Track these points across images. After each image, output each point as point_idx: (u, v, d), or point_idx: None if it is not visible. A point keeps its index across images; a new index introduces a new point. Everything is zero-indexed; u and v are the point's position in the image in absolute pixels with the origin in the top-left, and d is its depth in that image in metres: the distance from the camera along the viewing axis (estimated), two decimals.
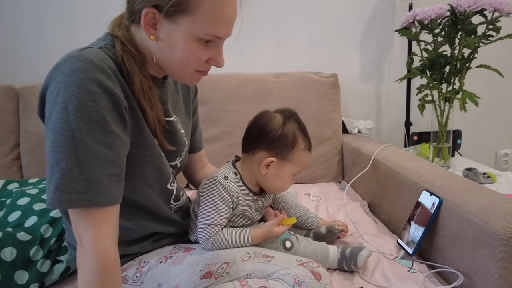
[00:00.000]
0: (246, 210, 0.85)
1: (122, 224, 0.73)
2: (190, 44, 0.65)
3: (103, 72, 0.60)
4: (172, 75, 0.73)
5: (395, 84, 1.73)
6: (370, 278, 0.83)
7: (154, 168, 0.74)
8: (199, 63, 0.68)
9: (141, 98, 0.68)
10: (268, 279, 0.69)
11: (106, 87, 0.60)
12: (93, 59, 0.60)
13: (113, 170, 0.61)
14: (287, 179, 0.86)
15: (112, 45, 0.68)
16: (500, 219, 0.71)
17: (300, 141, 0.84)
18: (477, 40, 1.29)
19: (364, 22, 1.70)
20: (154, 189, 0.76)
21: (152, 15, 0.63)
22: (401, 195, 1.06)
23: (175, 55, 0.66)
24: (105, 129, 0.59)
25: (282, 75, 1.57)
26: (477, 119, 1.83)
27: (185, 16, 0.62)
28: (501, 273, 0.70)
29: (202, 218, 0.80)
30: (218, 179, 0.82)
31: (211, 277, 0.72)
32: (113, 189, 0.61)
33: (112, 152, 0.60)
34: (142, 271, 0.77)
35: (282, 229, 0.84)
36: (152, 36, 0.65)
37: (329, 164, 1.55)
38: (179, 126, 0.83)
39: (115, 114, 0.61)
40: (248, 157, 0.86)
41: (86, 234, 0.58)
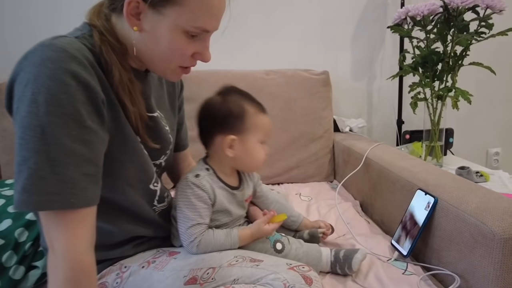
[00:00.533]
0: (226, 205, 0.81)
1: (101, 227, 0.69)
2: (176, 36, 0.61)
3: (78, 63, 0.55)
4: (153, 69, 0.69)
5: (387, 82, 1.71)
6: (364, 281, 0.80)
7: (136, 167, 0.69)
8: (184, 57, 0.65)
9: (121, 91, 0.63)
10: (256, 284, 0.65)
11: (81, 79, 0.55)
12: (67, 48, 0.55)
13: (89, 169, 0.56)
14: (257, 150, 0.82)
15: (90, 35, 0.63)
16: (498, 219, 0.69)
17: (247, 108, 0.80)
18: (469, 37, 1.27)
19: (355, 19, 1.68)
20: (137, 190, 0.71)
21: (135, 4, 0.59)
22: (394, 195, 1.03)
23: (159, 48, 0.63)
24: (80, 124, 0.55)
25: (273, 72, 1.53)
26: (468, 117, 1.82)
27: (171, 7, 0.59)
28: (499, 275, 0.67)
29: (181, 221, 0.76)
30: (189, 179, 0.78)
31: (196, 283, 0.68)
32: (90, 190, 0.56)
33: (88, 150, 0.56)
34: (123, 277, 0.72)
35: (272, 227, 0.81)
36: (135, 26, 0.61)
37: (320, 163, 1.51)
38: (164, 122, 0.79)
39: (91, 108, 0.56)
40: (211, 149, 0.83)
41: (58, 239, 0.54)
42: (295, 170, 1.49)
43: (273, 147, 1.47)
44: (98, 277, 0.72)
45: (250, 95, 0.83)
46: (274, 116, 1.46)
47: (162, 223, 0.80)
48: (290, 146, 1.49)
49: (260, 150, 0.82)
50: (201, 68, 1.50)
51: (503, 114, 1.88)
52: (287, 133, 1.48)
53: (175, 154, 0.93)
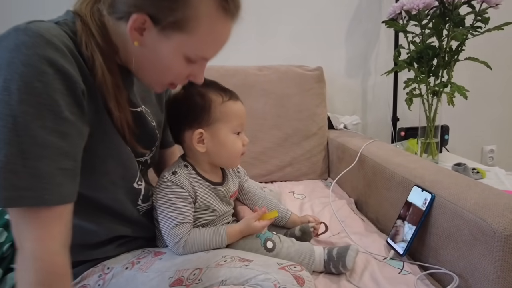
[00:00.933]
0: (209, 202, 0.77)
1: (82, 225, 0.66)
2: (176, 59, 0.60)
3: (55, 49, 0.51)
4: (141, 79, 0.66)
5: (381, 79, 1.68)
6: (359, 281, 0.77)
7: (119, 164, 0.65)
8: (179, 78, 0.65)
9: (106, 94, 0.60)
10: (245, 285, 0.61)
11: (59, 67, 0.51)
12: (44, 33, 0.51)
13: (66, 163, 0.52)
14: (232, 141, 0.77)
15: (72, 21, 0.59)
16: (498, 216, 0.66)
17: (213, 97, 0.75)
18: (465, 31, 1.25)
19: (350, 14, 1.65)
20: (119, 188, 0.67)
21: (142, 21, 0.56)
22: (389, 192, 1.00)
23: (156, 66, 0.61)
24: (57, 115, 0.51)
25: (266, 68, 1.49)
26: (463, 114, 1.81)
27: (179, 34, 0.57)
28: (500, 274, 0.65)
29: (164, 222, 0.72)
30: (165, 177, 0.74)
31: (182, 284, 0.64)
32: (66, 186, 0.52)
33: (66, 143, 0.52)
34: (106, 279, 0.68)
35: (262, 224, 0.77)
36: (136, 41, 0.58)
37: (314, 160, 1.48)
38: (150, 117, 0.75)
39: (70, 99, 0.52)
40: (184, 147, 0.80)
41: (29, 238, 0.50)
42: (289, 168, 1.46)
43: (266, 145, 1.45)
44: (79, 279, 0.69)
45: (216, 83, 0.78)
46: (267, 113, 1.45)
47: (146, 223, 0.76)
48: (284, 144, 1.45)
49: (235, 141, 0.77)
50: None
51: (498, 112, 1.86)
52: (280, 130, 1.45)
53: (162, 151, 0.89)
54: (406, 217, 0.87)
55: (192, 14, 0.56)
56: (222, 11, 0.59)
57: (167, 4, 0.55)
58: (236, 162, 0.82)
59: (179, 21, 0.56)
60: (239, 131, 0.78)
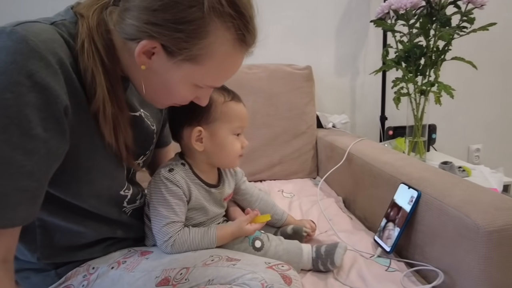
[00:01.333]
0: (203, 203, 0.76)
1: (70, 228, 0.64)
2: (184, 87, 0.59)
3: (39, 59, 0.47)
4: (145, 97, 0.64)
5: (370, 78, 1.69)
6: (346, 279, 0.77)
7: (104, 174, 0.62)
8: (183, 101, 0.64)
9: (105, 127, 0.57)
10: (233, 284, 0.61)
11: (37, 79, 0.47)
12: (31, 39, 0.47)
13: (27, 184, 0.47)
14: (231, 142, 0.76)
15: (71, 21, 0.55)
16: (482, 212, 0.67)
17: (215, 96, 0.73)
18: (451, 31, 1.26)
19: (339, 13, 1.65)
20: (102, 196, 0.64)
21: (152, 46, 0.53)
22: (377, 189, 1.01)
23: (163, 90, 0.59)
24: (25, 131, 0.47)
25: (255, 66, 1.49)
26: (450, 114, 1.83)
27: (191, 65, 0.55)
28: (483, 269, 0.65)
29: (155, 219, 0.71)
30: (161, 173, 0.73)
31: (168, 284, 0.63)
32: (22, 208, 0.48)
33: (31, 162, 0.47)
34: (90, 279, 0.67)
35: (254, 227, 0.77)
36: (144, 65, 0.55)
37: (303, 159, 1.48)
38: (150, 121, 0.74)
39: (46, 114, 0.48)
40: (181, 144, 0.78)
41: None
42: (278, 167, 1.46)
43: (255, 143, 1.45)
44: (63, 279, 0.67)
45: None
46: (256, 111, 1.44)
47: (134, 223, 0.75)
48: (273, 142, 1.45)
49: (234, 142, 0.77)
50: None
51: (484, 111, 1.89)
52: (269, 128, 1.45)
53: (157, 151, 0.88)
54: (393, 214, 0.88)
55: (208, 49, 0.54)
56: (238, 45, 0.56)
57: (184, 37, 0.52)
58: (234, 164, 0.81)
59: (193, 55, 0.54)
60: (239, 133, 0.78)
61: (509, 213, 0.66)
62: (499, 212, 0.66)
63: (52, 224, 0.63)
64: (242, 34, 0.55)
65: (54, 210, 0.61)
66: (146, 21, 0.51)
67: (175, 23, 0.51)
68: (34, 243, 0.63)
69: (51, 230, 0.63)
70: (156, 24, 0.51)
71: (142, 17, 0.51)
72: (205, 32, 0.52)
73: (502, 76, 1.86)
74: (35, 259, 0.64)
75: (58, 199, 0.60)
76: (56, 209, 0.61)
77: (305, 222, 0.93)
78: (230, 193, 0.86)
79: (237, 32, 0.55)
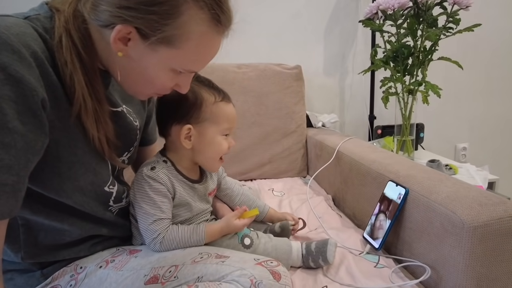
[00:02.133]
0: (187, 199, 0.76)
1: (54, 226, 0.63)
2: (162, 72, 0.58)
3: (12, 52, 0.47)
4: (124, 88, 0.64)
5: (359, 78, 1.71)
6: (335, 275, 0.78)
7: (88, 169, 0.62)
8: (163, 89, 0.63)
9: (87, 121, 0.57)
10: (222, 281, 0.61)
11: (11, 72, 0.46)
12: (2, 32, 0.47)
13: (5, 178, 0.47)
14: (218, 142, 0.76)
15: (46, 16, 0.55)
16: (467, 208, 0.68)
17: (206, 96, 0.74)
18: (438, 32, 1.29)
19: (328, 13, 1.67)
20: (87, 192, 0.64)
21: (127, 31, 0.53)
22: (365, 187, 1.02)
23: (141, 77, 0.59)
24: (1, 124, 0.46)
25: (244, 65, 1.49)
26: (438, 113, 1.86)
27: (167, 48, 0.55)
28: (468, 264, 0.67)
29: (142, 218, 0.71)
30: (144, 172, 0.72)
31: (157, 282, 0.63)
32: (2, 203, 0.47)
33: (8, 155, 0.47)
34: (78, 279, 0.66)
35: (243, 222, 0.77)
36: (120, 52, 0.55)
37: (293, 158, 1.49)
38: (132, 117, 0.73)
39: (23, 107, 0.48)
40: (168, 140, 0.78)
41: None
42: (268, 166, 1.46)
43: (245, 143, 1.45)
44: (50, 279, 0.66)
45: (211, 82, 0.78)
46: (246, 111, 1.45)
47: (120, 222, 0.74)
48: (263, 141, 1.46)
49: (222, 142, 0.77)
50: None
51: (470, 111, 1.93)
52: (259, 128, 1.45)
53: (142, 149, 0.88)
54: (382, 212, 0.89)
55: (182, 30, 0.54)
56: (213, 26, 0.56)
57: (156, 19, 0.52)
58: (216, 165, 0.81)
59: (168, 37, 0.54)
60: (227, 134, 0.78)
61: (493, 208, 0.67)
62: (483, 208, 0.67)
63: (36, 223, 0.62)
64: (216, 14, 0.56)
65: (37, 208, 0.60)
66: (118, 6, 0.52)
67: (148, 5, 0.51)
68: (17, 242, 0.62)
69: (34, 229, 0.62)
70: (128, 7, 0.51)
71: (115, 2, 0.52)
72: (178, 12, 0.53)
73: (486, 76, 1.90)
74: (19, 259, 0.63)
75: (41, 197, 0.59)
76: (39, 207, 0.60)
77: (287, 215, 0.94)
78: (214, 188, 0.86)
79: (210, 12, 0.55)
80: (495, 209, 0.67)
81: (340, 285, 0.74)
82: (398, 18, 1.33)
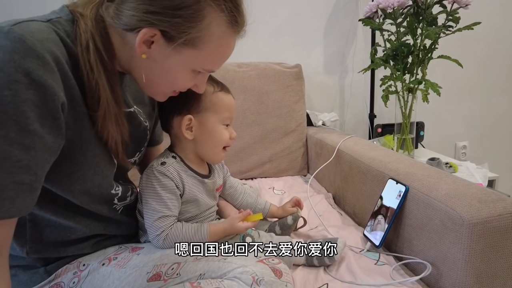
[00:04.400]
0: (196, 194, 0.77)
1: (60, 223, 0.64)
2: (184, 73, 0.61)
3: (36, 58, 0.48)
4: (147, 90, 0.66)
5: (359, 76, 1.71)
6: (336, 273, 0.78)
7: (96, 172, 0.63)
8: (182, 89, 0.66)
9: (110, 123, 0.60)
10: (224, 278, 0.61)
11: (35, 77, 0.48)
12: (27, 38, 0.48)
13: (24, 177, 0.49)
14: (219, 131, 0.77)
15: (67, 20, 0.56)
16: (466, 205, 0.69)
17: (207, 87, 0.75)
18: (437, 30, 1.29)
19: (327, 12, 1.67)
20: (93, 193, 0.65)
21: (151, 34, 0.55)
22: (365, 185, 1.02)
23: (162, 78, 0.61)
24: (23, 127, 0.48)
25: (245, 65, 1.50)
26: (438, 111, 1.86)
27: (190, 49, 0.58)
28: (468, 260, 0.67)
29: (148, 214, 0.72)
30: (154, 167, 0.73)
31: (160, 279, 0.64)
32: (19, 200, 0.49)
33: (28, 156, 0.49)
34: (81, 276, 0.67)
35: (246, 225, 0.77)
36: (144, 54, 0.57)
37: (294, 157, 1.50)
38: (143, 118, 0.75)
39: (43, 111, 0.50)
40: (172, 135, 0.79)
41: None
42: (268, 164, 1.47)
43: (245, 141, 1.45)
44: (53, 276, 0.67)
45: (210, 75, 0.78)
46: (246, 110, 1.45)
47: (125, 220, 0.75)
48: (263, 140, 1.46)
49: (223, 131, 0.78)
50: None
51: (469, 109, 1.93)
52: (259, 126, 1.46)
53: (148, 149, 0.88)
54: (382, 209, 0.90)
55: (204, 32, 0.57)
56: (231, 27, 0.60)
57: (182, 22, 0.55)
58: (219, 156, 0.81)
59: (192, 39, 0.56)
60: (227, 123, 0.79)
61: (492, 205, 0.68)
62: (482, 205, 0.68)
63: (42, 219, 0.63)
64: (234, 15, 0.59)
65: (45, 205, 0.61)
66: (145, 10, 0.54)
67: (173, 9, 0.54)
68: (23, 236, 0.63)
69: (41, 225, 0.63)
70: (155, 12, 0.54)
71: (141, 7, 0.54)
72: (201, 15, 0.56)
73: (486, 74, 1.90)
74: (24, 254, 0.64)
75: (50, 194, 0.60)
76: (47, 203, 0.61)
77: (288, 204, 0.95)
78: (221, 184, 0.87)
79: (230, 14, 0.58)
80: (495, 206, 0.68)
81: (341, 283, 0.75)
82: (397, 16, 1.33)
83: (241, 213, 0.78)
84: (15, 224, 0.53)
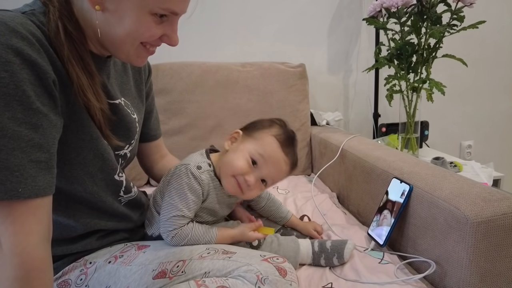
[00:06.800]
0: (215, 206, 0.78)
1: (60, 221, 0.65)
2: (143, 17, 0.57)
3: (21, 38, 0.49)
4: (116, 53, 0.63)
5: (363, 76, 1.71)
6: (340, 272, 0.79)
7: (96, 155, 0.64)
8: (150, 39, 0.61)
9: (83, 89, 0.58)
10: (228, 277, 0.62)
11: (26, 56, 0.49)
12: (8, 21, 0.49)
13: (39, 155, 0.50)
14: (242, 157, 0.74)
15: (40, 12, 0.57)
16: (471, 204, 0.69)
17: (273, 128, 0.77)
18: (442, 29, 1.29)
19: (331, 11, 1.67)
20: (98, 180, 0.66)
21: None
22: (369, 185, 1.03)
23: (123, 27, 0.57)
24: (27, 106, 0.49)
25: (249, 64, 1.50)
26: (442, 111, 1.86)
27: None
28: (472, 259, 0.67)
29: (167, 208, 0.72)
30: (190, 168, 0.74)
31: (165, 276, 0.64)
32: (40, 178, 0.50)
33: (38, 134, 0.50)
34: (88, 273, 0.68)
35: (256, 236, 0.78)
36: (97, 5, 0.56)
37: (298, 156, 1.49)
38: (130, 110, 0.74)
39: (40, 89, 0.51)
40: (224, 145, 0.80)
41: (5, 234, 0.48)
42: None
43: None
44: (60, 274, 0.68)
45: (291, 134, 0.82)
46: (250, 109, 1.46)
47: (128, 214, 0.75)
48: None
49: (243, 159, 0.74)
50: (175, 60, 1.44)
51: (474, 108, 1.92)
52: None
53: (147, 145, 0.89)
54: (386, 209, 0.90)
55: None
56: None
57: None
58: (229, 187, 0.77)
59: None
60: (256, 162, 0.75)
61: (497, 204, 0.68)
62: (486, 204, 0.68)
63: None
64: None
65: None
66: None
67: None
68: None
69: None
70: None
71: None
72: None
73: (491, 73, 1.89)
74: None
75: None
76: None
77: (310, 226, 0.92)
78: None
79: None
80: (499, 204, 0.68)
81: (345, 281, 0.75)
82: (402, 15, 1.33)
83: (253, 224, 0.79)
84: (51, 207, 0.53)
